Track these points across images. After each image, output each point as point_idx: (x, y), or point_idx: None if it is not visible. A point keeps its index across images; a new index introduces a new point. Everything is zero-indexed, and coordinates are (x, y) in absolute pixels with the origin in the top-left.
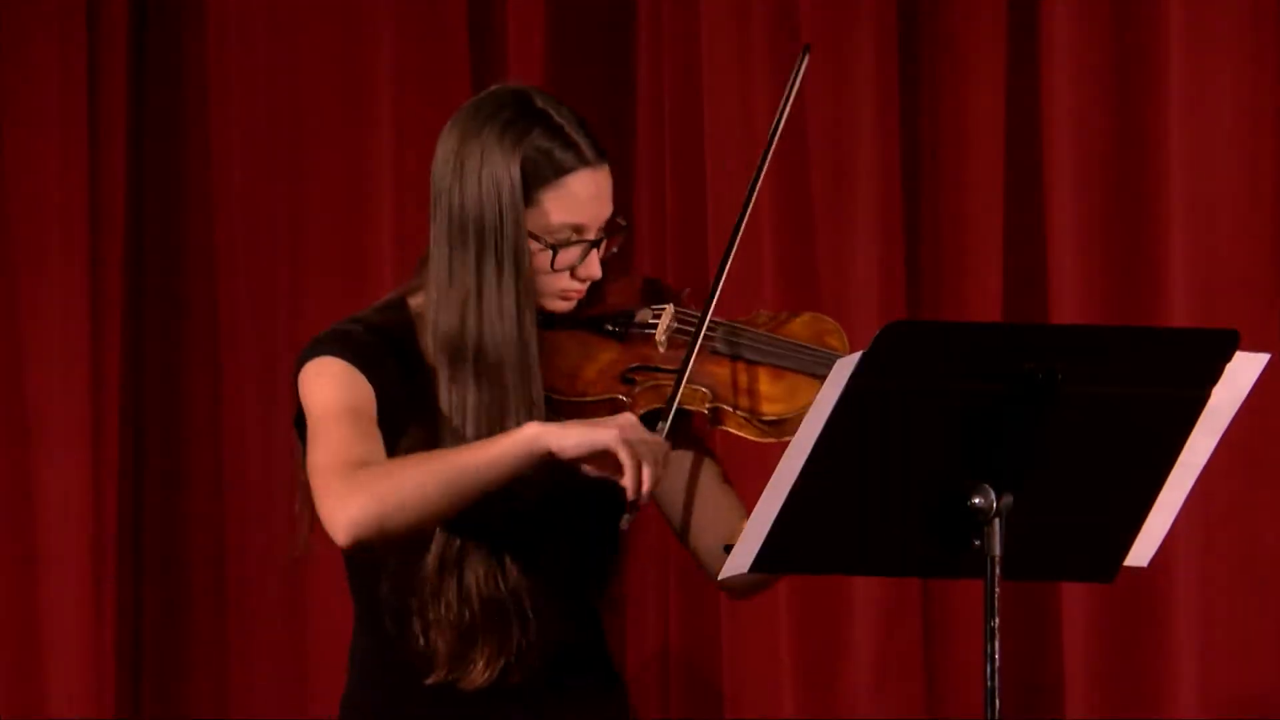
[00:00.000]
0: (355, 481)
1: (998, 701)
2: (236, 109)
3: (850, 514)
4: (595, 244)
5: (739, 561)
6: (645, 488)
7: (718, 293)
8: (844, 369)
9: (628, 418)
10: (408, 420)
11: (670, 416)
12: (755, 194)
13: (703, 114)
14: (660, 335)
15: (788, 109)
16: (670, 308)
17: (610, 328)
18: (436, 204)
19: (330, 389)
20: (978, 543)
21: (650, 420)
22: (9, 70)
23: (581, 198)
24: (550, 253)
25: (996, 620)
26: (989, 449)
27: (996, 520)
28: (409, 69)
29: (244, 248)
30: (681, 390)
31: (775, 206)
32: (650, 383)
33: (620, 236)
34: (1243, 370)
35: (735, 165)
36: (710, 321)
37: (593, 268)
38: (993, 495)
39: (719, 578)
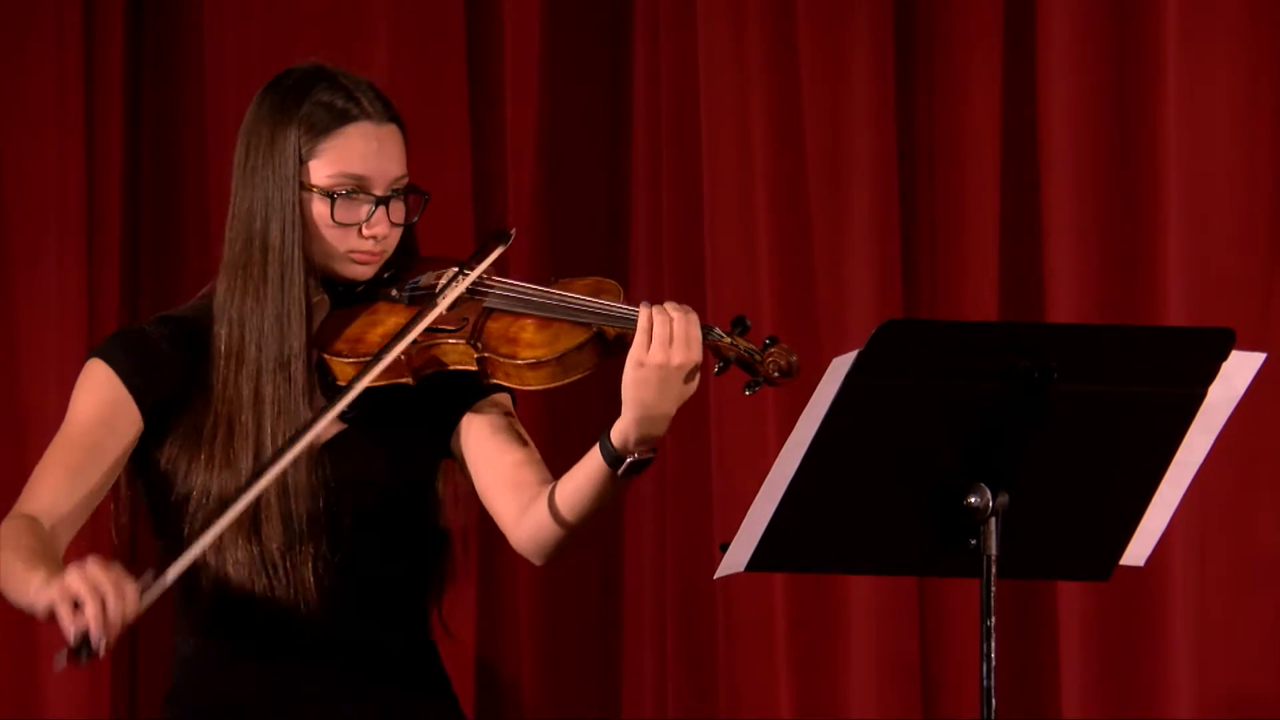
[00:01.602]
0: None
1: (994, 700)
2: (233, 107)
3: (846, 512)
4: (382, 201)
5: (735, 560)
6: (89, 629)
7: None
8: (840, 367)
9: (83, 568)
10: (195, 403)
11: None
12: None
13: (699, 114)
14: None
15: (467, 279)
16: (453, 270)
17: (395, 293)
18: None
19: (81, 404)
20: (974, 541)
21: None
22: (5, 69)
23: (360, 149)
24: (329, 201)
25: (993, 619)
26: (985, 448)
27: (993, 519)
28: (405, 68)
29: None
30: (448, 352)
31: (772, 206)
32: (429, 343)
33: (420, 202)
34: (1239, 369)
35: (731, 165)
36: (491, 281)
37: (378, 225)
38: (989, 494)
39: (714, 576)
